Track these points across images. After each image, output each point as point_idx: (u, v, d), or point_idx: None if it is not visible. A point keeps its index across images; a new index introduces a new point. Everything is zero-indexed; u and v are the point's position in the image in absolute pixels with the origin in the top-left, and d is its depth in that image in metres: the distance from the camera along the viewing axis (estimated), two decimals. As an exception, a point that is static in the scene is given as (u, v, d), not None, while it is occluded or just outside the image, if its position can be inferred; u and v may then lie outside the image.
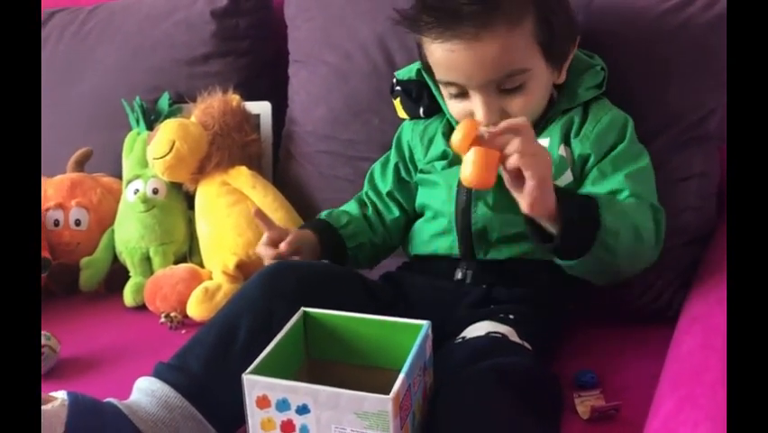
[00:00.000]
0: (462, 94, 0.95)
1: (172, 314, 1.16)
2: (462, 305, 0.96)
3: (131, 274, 1.28)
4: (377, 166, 1.14)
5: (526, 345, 0.86)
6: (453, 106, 0.98)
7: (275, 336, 0.78)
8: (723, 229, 1.08)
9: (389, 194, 1.10)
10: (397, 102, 1.10)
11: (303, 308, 0.81)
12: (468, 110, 0.95)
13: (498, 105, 0.93)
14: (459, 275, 0.99)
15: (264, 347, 0.76)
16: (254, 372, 0.72)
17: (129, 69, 1.45)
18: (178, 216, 1.30)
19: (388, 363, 0.79)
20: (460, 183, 0.98)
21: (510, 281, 0.97)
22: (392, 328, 0.80)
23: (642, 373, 0.91)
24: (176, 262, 1.28)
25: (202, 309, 1.14)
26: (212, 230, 1.25)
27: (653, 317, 1.05)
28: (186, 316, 1.17)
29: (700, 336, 0.77)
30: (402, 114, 1.11)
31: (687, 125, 1.07)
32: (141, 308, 1.23)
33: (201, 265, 1.27)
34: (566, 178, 0.97)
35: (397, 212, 1.10)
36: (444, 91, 0.98)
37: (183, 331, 1.14)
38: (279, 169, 1.35)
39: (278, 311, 0.83)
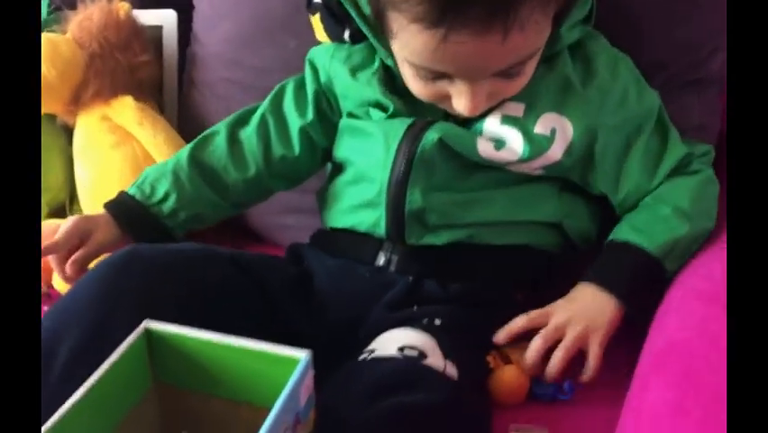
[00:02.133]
0: (440, 76, 0.70)
1: (34, 285, 0.94)
2: (381, 303, 0.75)
3: (-6, 227, 1.05)
4: (290, 86, 0.87)
5: (449, 365, 0.65)
6: (419, 86, 0.72)
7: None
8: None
9: (302, 130, 0.84)
10: (315, 19, 0.83)
11: (146, 323, 0.59)
12: (441, 94, 0.72)
13: (488, 90, 0.70)
14: (381, 260, 0.77)
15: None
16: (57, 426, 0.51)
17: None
18: (52, 156, 1.06)
19: (260, 400, 0.59)
20: (401, 143, 0.75)
21: (445, 273, 0.76)
22: (263, 359, 0.58)
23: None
24: (52, 214, 1.06)
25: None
26: (92, 176, 1.01)
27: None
28: (51, 286, 0.95)
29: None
30: (321, 36, 0.84)
31: (683, 67, 0.85)
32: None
33: (84, 215, 1.05)
34: (547, 158, 0.75)
35: (298, 151, 0.85)
36: (410, 69, 0.72)
37: (45, 308, 0.92)
38: (183, 100, 1.10)
39: (116, 324, 0.61)
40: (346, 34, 0.80)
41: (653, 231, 0.73)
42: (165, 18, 1.13)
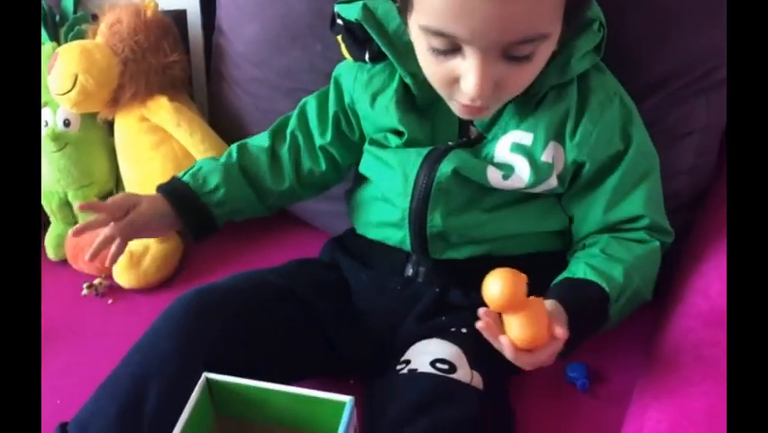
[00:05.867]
0: (453, 51, 0.70)
1: (96, 282, 1.03)
2: (412, 314, 0.84)
3: (51, 221, 1.14)
4: (313, 102, 0.92)
5: (476, 375, 0.75)
6: (432, 66, 0.73)
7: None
8: (718, 190, 0.93)
9: (323, 148, 0.91)
10: (339, 38, 0.87)
11: (205, 375, 0.69)
12: (452, 75, 0.72)
13: (496, 74, 0.70)
14: (410, 272, 0.86)
15: (177, 416, 0.65)
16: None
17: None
18: (96, 150, 1.12)
19: (313, 429, 0.69)
20: (418, 174, 0.81)
21: (468, 282, 0.83)
22: (311, 403, 0.68)
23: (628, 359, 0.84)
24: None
25: (129, 277, 1.02)
26: (135, 175, 1.09)
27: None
28: (112, 278, 1.05)
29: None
30: (345, 52, 0.88)
31: (696, 76, 0.87)
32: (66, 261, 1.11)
33: (131, 204, 1.13)
34: (548, 184, 0.80)
35: (324, 166, 0.92)
36: (424, 42, 0.71)
37: (109, 301, 1.02)
38: (212, 91, 1.15)
39: (194, 369, 0.69)
40: (366, 56, 0.84)
41: (611, 273, 0.77)
42: (187, 1, 1.15)
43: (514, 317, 0.66)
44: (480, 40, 0.67)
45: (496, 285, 0.64)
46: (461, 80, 0.71)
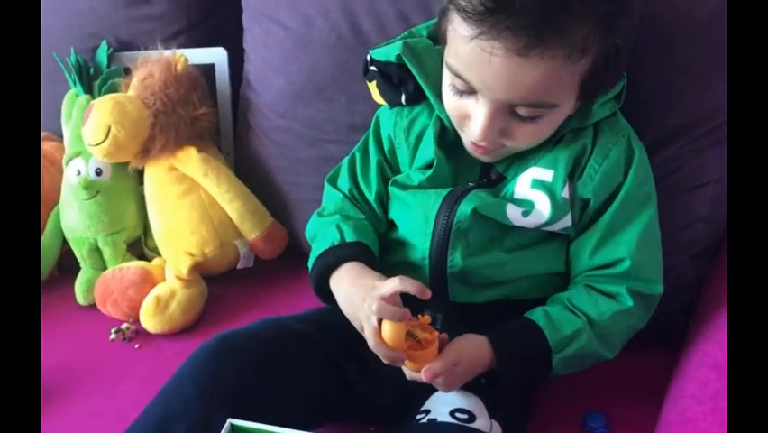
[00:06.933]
0: (468, 93, 0.76)
1: (123, 326, 1.06)
2: None
3: (81, 266, 1.17)
4: (358, 160, 0.93)
5: (495, 425, 0.76)
6: (450, 99, 0.79)
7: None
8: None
9: (377, 199, 0.92)
10: (372, 85, 0.91)
11: (230, 420, 0.71)
12: (464, 112, 0.78)
13: (502, 125, 0.76)
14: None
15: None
16: None
17: (59, 13, 1.23)
18: (126, 198, 1.16)
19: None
20: (438, 214, 0.83)
21: (485, 329, 0.85)
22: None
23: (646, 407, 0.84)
24: (130, 248, 1.17)
25: (155, 322, 1.04)
26: (163, 223, 1.13)
27: (653, 341, 0.93)
28: (139, 322, 1.07)
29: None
30: (378, 99, 0.91)
31: (711, 128, 0.89)
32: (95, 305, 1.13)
33: (157, 250, 1.17)
34: (565, 222, 0.82)
35: (383, 226, 0.92)
36: (448, 77, 0.78)
37: (136, 345, 1.05)
38: (239, 140, 1.19)
39: (218, 412, 0.72)
40: (403, 98, 0.88)
41: (562, 325, 0.79)
42: (216, 56, 1.20)
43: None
44: (490, 92, 0.73)
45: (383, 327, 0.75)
46: (471, 120, 0.77)
